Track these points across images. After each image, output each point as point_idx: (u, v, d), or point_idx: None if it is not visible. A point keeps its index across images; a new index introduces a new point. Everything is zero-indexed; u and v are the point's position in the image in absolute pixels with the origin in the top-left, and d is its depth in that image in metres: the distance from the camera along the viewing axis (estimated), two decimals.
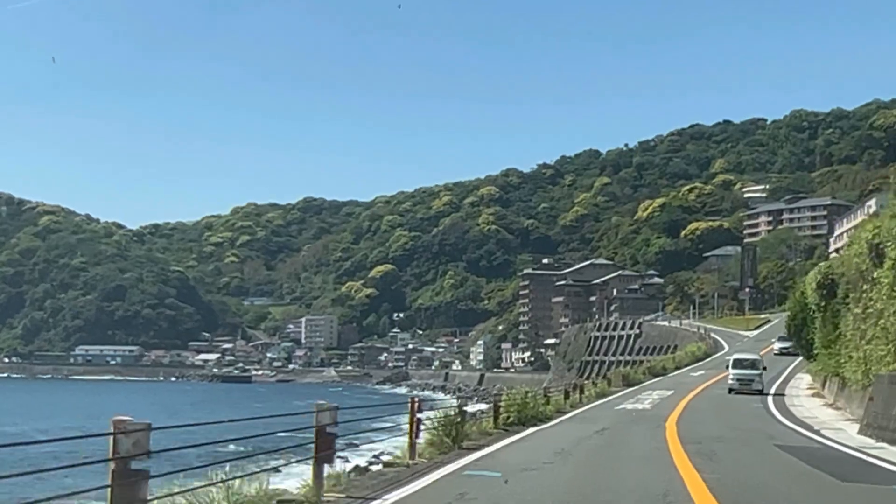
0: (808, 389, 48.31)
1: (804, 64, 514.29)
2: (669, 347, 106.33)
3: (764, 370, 49.16)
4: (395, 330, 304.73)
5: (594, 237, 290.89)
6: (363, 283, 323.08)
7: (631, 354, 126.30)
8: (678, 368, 71.97)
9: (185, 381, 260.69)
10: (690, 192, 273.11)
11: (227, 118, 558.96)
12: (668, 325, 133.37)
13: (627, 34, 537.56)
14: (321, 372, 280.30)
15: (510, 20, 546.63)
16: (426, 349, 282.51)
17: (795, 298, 52.84)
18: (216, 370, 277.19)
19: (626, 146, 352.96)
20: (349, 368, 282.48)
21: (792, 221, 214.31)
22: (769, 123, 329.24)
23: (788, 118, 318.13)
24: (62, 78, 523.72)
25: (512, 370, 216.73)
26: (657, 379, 61.50)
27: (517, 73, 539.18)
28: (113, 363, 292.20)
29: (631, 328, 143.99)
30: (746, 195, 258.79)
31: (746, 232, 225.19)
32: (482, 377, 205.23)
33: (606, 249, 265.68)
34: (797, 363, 65.47)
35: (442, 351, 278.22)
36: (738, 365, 48.88)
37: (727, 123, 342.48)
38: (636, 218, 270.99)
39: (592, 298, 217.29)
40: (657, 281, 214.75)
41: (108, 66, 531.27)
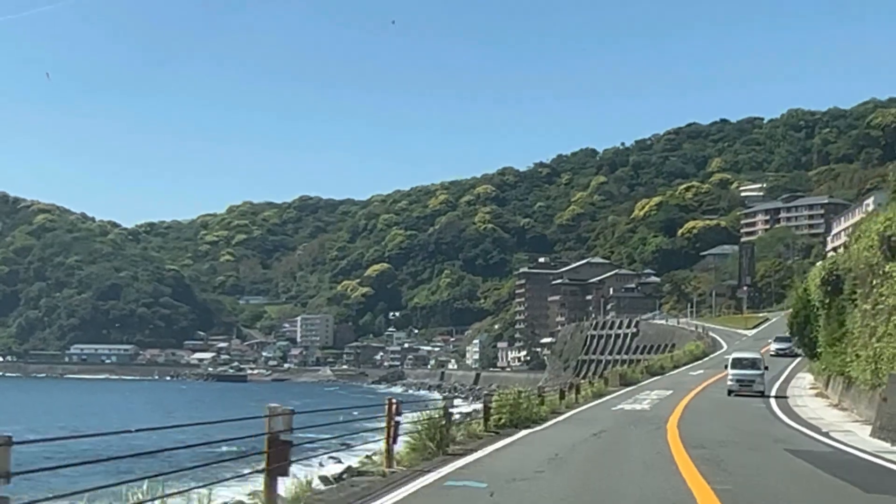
0: (810, 389, 47.07)
1: (801, 63, 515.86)
2: (667, 346, 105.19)
3: (766, 370, 46.42)
4: (390, 329, 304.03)
5: (590, 236, 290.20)
6: (359, 281, 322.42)
7: (628, 353, 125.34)
8: (676, 367, 70.87)
9: (180, 380, 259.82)
10: (687, 190, 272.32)
11: (223, 117, 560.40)
12: (665, 323, 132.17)
13: (624, 33, 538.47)
14: (317, 371, 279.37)
15: (507, 19, 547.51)
16: (422, 348, 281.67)
17: (798, 295, 51.25)
18: (211, 369, 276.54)
19: (622, 145, 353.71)
20: (345, 368, 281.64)
21: (789, 220, 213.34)
22: (766, 122, 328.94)
23: (785, 117, 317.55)
24: (59, 77, 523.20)
25: (508, 369, 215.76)
26: (655, 378, 60.33)
27: (514, 71, 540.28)
28: (108, 362, 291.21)
29: (628, 327, 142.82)
30: (743, 194, 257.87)
31: (743, 231, 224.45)
32: (478, 376, 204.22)
33: (603, 248, 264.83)
34: (797, 363, 64.37)
35: (438, 350, 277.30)
36: (737, 364, 45.96)
37: (724, 122, 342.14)
38: (633, 217, 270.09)
39: (589, 297, 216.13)
40: (654, 280, 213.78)
41: (104, 65, 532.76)
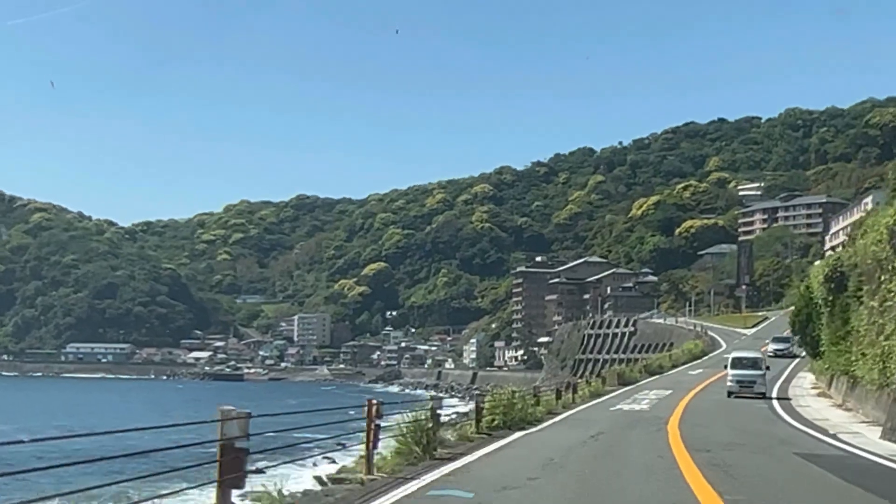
0: (812, 389, 46.48)
1: (799, 62, 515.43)
2: (665, 345, 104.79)
3: (767, 370, 44.86)
4: (387, 328, 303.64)
5: (588, 235, 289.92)
6: (356, 280, 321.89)
7: (626, 352, 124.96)
8: (675, 367, 70.18)
9: (176, 379, 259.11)
10: (685, 189, 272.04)
11: (220, 116, 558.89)
12: (663, 322, 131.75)
13: (622, 32, 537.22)
14: (314, 370, 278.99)
15: (505, 18, 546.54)
16: (419, 347, 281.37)
17: (800, 293, 50.52)
18: (208, 368, 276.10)
19: (620, 144, 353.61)
20: (342, 367, 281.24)
21: (787, 219, 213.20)
22: (764, 121, 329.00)
23: (783, 116, 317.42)
24: (56, 77, 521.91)
25: (505, 369, 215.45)
26: (654, 377, 59.67)
27: (511, 70, 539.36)
28: (104, 361, 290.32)
29: (625, 326, 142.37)
30: (741, 193, 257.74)
31: (741, 230, 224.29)
32: (475, 376, 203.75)
33: (600, 248, 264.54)
34: (795, 363, 63.92)
35: (435, 349, 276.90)
36: (737, 364, 44.18)
37: (722, 121, 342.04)
38: (630, 216, 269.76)
39: (586, 297, 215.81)
40: (651, 279, 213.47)
41: (101, 65, 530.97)
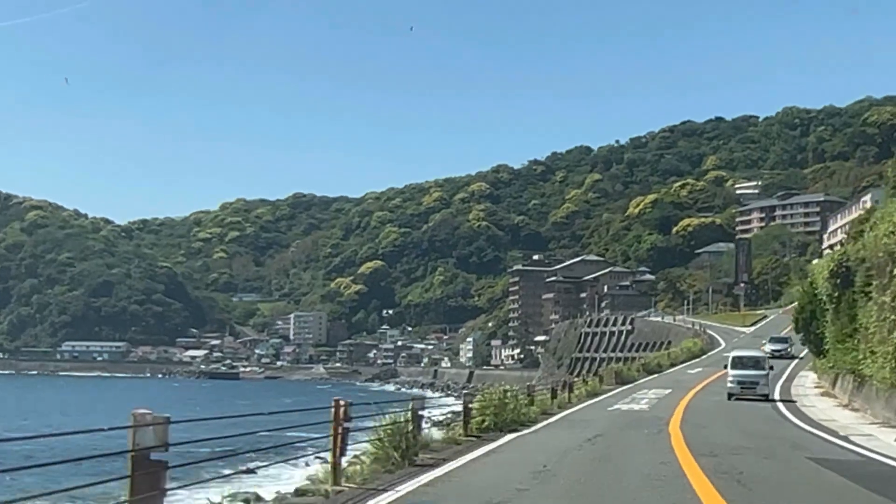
0: (815, 388, 45.67)
1: (796, 61, 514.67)
2: (663, 344, 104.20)
3: (770, 370, 42.62)
4: (384, 327, 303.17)
5: (585, 234, 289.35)
6: (352, 279, 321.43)
7: (623, 351, 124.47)
8: (674, 365, 69.47)
9: (172, 377, 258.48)
10: (682, 188, 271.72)
11: (217, 114, 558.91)
12: (661, 320, 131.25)
13: (619, 31, 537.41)
14: (310, 369, 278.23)
15: (502, 17, 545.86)
16: (415, 346, 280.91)
17: (803, 290, 49.48)
18: (203, 367, 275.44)
19: (617, 143, 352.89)
20: (338, 365, 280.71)
21: (785, 218, 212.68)
22: (761, 120, 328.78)
23: (780, 115, 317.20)
24: (53, 76, 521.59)
25: (502, 367, 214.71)
26: (652, 376, 58.95)
27: (508, 69, 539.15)
28: (100, 359, 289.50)
29: (623, 324, 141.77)
30: (739, 191, 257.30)
31: (739, 228, 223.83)
32: (471, 374, 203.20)
33: (597, 246, 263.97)
34: (795, 364, 63.31)
35: (431, 348, 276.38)
36: (738, 364, 41.88)
37: (719, 120, 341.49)
38: (627, 214, 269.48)
39: (583, 295, 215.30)
40: (649, 277, 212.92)
41: (98, 64, 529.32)
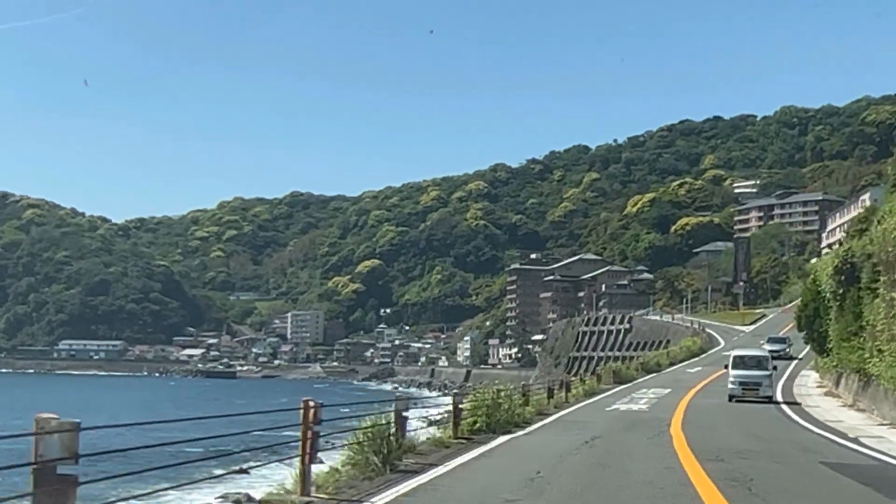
0: (817, 388, 44.96)
1: (794, 60, 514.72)
2: (661, 343, 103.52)
3: (774, 370, 40.70)
4: (381, 325, 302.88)
5: (583, 233, 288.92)
6: (350, 278, 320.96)
7: (621, 350, 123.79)
8: (673, 364, 68.66)
9: (168, 376, 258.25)
10: (680, 187, 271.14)
11: (214, 113, 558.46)
12: (659, 319, 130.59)
13: (617, 30, 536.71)
14: (307, 368, 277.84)
15: (500, 16, 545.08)
16: (413, 345, 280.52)
17: (806, 287, 48.73)
18: (200, 365, 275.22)
19: (615, 142, 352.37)
20: (335, 364, 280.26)
21: (783, 217, 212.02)
22: (759, 119, 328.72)
23: (778, 114, 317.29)
24: (50, 75, 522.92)
25: (499, 366, 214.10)
26: (651, 376, 58.20)
27: (506, 68, 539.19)
28: (97, 358, 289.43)
29: (620, 323, 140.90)
30: (737, 190, 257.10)
31: (737, 227, 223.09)
32: (468, 373, 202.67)
33: (595, 245, 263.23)
34: (794, 365, 62.73)
35: (428, 347, 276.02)
36: (740, 364, 39.77)
37: (717, 119, 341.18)
38: (625, 213, 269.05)
39: (581, 294, 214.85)
40: (647, 277, 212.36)
41: (96, 63, 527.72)
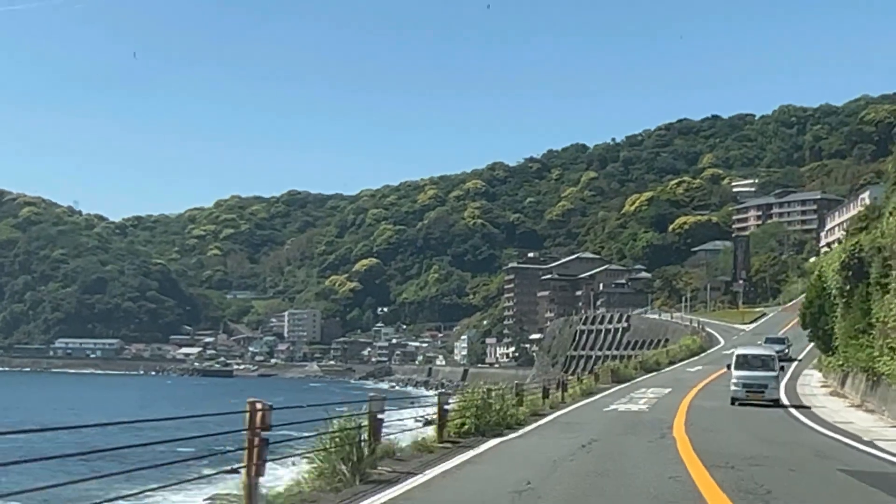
0: (821, 387, 43.99)
1: (792, 59, 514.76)
2: (660, 342, 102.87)
3: (781, 371, 38.08)
4: (378, 324, 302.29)
5: (581, 232, 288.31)
6: (347, 276, 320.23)
7: (619, 349, 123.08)
8: (672, 363, 67.85)
9: (165, 375, 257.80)
10: (678, 186, 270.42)
11: (211, 112, 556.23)
12: (658, 318, 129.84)
13: (615, 29, 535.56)
14: (304, 367, 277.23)
15: (498, 15, 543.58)
16: (410, 344, 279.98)
17: (811, 284, 47.67)
18: (197, 364, 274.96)
19: (613, 140, 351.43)
20: (332, 363, 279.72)
21: (782, 216, 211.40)
22: (757, 119, 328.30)
23: (777, 113, 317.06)
24: (48, 74, 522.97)
25: (496, 365, 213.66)
26: (650, 375, 57.39)
27: (504, 66, 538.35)
28: (93, 357, 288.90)
29: (619, 321, 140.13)
30: (735, 189, 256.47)
31: (735, 226, 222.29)
32: (466, 372, 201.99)
33: (593, 244, 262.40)
34: (794, 366, 61.87)
35: (426, 346, 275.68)
36: (743, 364, 36.18)
37: (715, 118, 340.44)
38: (623, 212, 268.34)
39: (578, 293, 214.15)
40: (644, 275, 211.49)
41: (93, 62, 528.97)
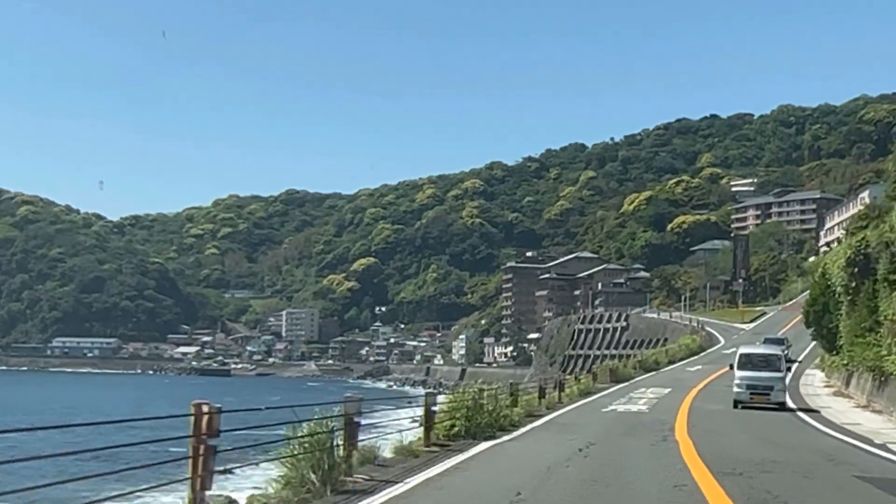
0: (824, 387, 43.15)
1: (791, 59, 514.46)
2: (659, 341, 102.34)
3: (788, 371, 35.73)
4: (376, 324, 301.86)
5: (579, 231, 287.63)
6: (345, 276, 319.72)
7: (617, 348, 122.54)
8: (672, 363, 67.10)
9: (162, 374, 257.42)
10: (677, 185, 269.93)
11: (209, 111, 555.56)
12: (657, 317, 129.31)
13: (614, 28, 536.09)
14: (301, 366, 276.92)
15: (496, 14, 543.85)
16: (408, 343, 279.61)
17: (815, 281, 46.67)
18: (195, 363, 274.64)
19: (611, 140, 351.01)
20: (330, 362, 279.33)
21: (781, 215, 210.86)
22: (756, 118, 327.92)
23: (775, 113, 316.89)
24: (46, 73, 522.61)
25: (494, 365, 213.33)
26: (650, 374, 56.64)
27: (503, 66, 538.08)
28: (90, 355, 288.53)
29: (617, 321, 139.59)
30: (734, 189, 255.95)
31: (734, 226, 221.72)
32: (464, 372, 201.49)
33: (592, 243, 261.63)
34: (796, 365, 61.22)
35: (424, 345, 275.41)
36: (747, 364, 33.28)
37: (714, 118, 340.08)
38: (622, 211, 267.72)
39: (577, 292, 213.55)
40: (643, 275, 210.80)
41: (92, 62, 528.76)
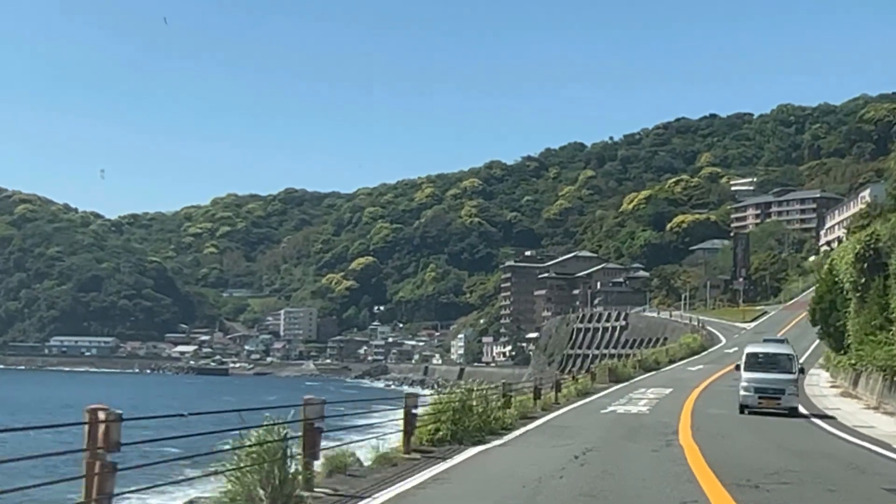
0: (831, 388, 42.17)
1: (790, 58, 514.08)
2: (658, 340, 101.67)
3: (801, 373, 32.53)
4: (375, 323, 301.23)
5: (578, 230, 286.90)
6: (343, 275, 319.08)
7: (616, 347, 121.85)
8: (672, 362, 65.98)
9: (160, 373, 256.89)
10: (676, 184, 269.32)
11: (208, 110, 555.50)
12: (657, 316, 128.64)
13: (613, 27, 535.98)
14: (300, 365, 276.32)
15: (494, 12, 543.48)
16: (406, 343, 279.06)
17: (821, 278, 45.44)
18: (193, 362, 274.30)
19: (611, 139, 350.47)
20: (328, 362, 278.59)
21: (780, 214, 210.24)
22: (756, 117, 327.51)
23: (775, 112, 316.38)
24: (45, 72, 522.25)
25: (493, 364, 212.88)
26: (650, 374, 55.53)
27: (501, 65, 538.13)
28: (88, 354, 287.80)
29: (616, 320, 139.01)
30: (734, 188, 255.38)
31: (734, 225, 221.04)
32: (462, 371, 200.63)
33: (591, 243, 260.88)
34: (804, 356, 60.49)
35: (422, 345, 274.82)
36: (755, 364, 30.49)
37: (713, 117, 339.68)
38: (621, 211, 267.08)
39: (576, 292, 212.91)
40: (642, 274, 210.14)
41: (90, 61, 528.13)
